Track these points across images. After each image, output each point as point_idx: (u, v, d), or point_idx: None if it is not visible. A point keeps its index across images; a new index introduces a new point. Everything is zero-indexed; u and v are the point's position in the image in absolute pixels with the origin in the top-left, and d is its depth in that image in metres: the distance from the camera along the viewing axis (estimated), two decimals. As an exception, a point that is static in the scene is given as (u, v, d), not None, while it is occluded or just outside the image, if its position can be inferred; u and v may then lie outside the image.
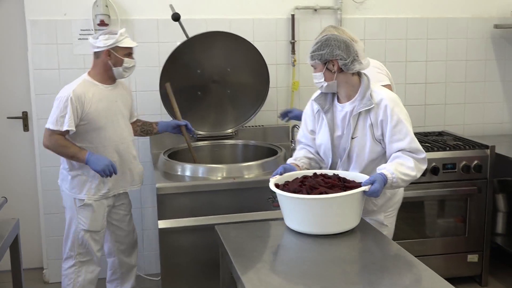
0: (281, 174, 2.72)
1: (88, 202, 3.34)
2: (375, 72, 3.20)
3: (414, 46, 4.51)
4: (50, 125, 3.18)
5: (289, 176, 2.71)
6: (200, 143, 4.05)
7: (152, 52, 4.09)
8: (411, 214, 3.93)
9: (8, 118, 4.21)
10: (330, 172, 2.70)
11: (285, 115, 3.86)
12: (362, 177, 2.59)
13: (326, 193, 2.44)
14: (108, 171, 3.20)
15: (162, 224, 3.24)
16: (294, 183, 2.59)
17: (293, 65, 4.29)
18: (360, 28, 4.39)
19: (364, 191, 2.47)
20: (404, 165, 2.61)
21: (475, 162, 3.95)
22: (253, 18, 4.22)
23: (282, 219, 2.79)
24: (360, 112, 2.71)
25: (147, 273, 4.35)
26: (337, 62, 2.67)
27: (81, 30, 3.97)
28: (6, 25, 4.10)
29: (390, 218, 2.92)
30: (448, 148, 3.99)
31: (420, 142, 4.07)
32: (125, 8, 4.03)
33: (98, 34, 3.28)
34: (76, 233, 3.37)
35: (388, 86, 3.17)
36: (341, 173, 2.70)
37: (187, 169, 3.41)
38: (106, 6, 3.92)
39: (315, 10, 4.30)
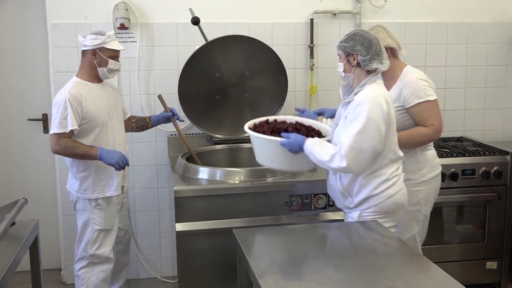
0: (297, 109, 3.45)
1: (102, 201, 3.40)
2: (423, 85, 3.15)
3: (434, 51, 4.48)
4: (54, 129, 3.21)
5: (295, 119, 3.26)
6: (218, 147, 4.06)
7: (171, 55, 4.11)
8: (430, 220, 3.88)
9: (28, 120, 4.26)
10: (319, 128, 3.18)
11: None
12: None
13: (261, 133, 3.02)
14: (121, 163, 3.27)
15: (180, 227, 3.25)
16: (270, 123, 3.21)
17: (312, 69, 4.28)
18: (379, 32, 4.37)
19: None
20: (327, 148, 2.78)
21: (495, 168, 3.91)
22: (272, 22, 4.23)
23: (300, 223, 2.80)
24: (348, 104, 2.83)
25: (164, 275, 4.36)
26: (357, 56, 2.80)
27: (101, 33, 4.01)
28: (28, 28, 4.15)
29: (364, 218, 2.88)
30: (467, 154, 3.96)
31: (439, 147, 4.11)
32: (145, 11, 4.06)
33: (87, 34, 3.32)
34: (91, 233, 3.41)
35: (435, 102, 3.15)
36: (324, 131, 3.12)
37: (204, 172, 3.42)
38: (126, 9, 3.95)
39: (334, 14, 4.29)
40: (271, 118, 3.27)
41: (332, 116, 3.62)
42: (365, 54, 2.78)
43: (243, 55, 3.95)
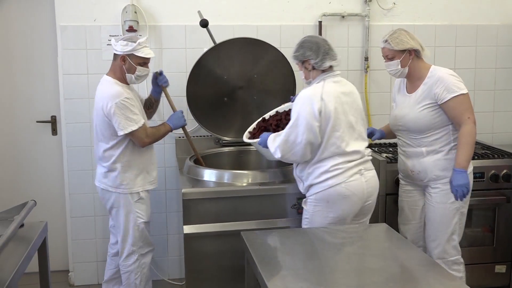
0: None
1: (143, 194, 3.47)
2: (454, 80, 3.20)
3: (442, 53, 4.46)
4: (131, 128, 3.27)
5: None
6: (226, 149, 4.06)
7: (179, 58, 4.11)
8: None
9: (37, 122, 4.27)
10: None
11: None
12: None
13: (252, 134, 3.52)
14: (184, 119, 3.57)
15: (187, 229, 3.25)
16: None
17: (320, 72, 4.28)
18: (388, 35, 4.36)
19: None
20: (275, 141, 3.07)
21: (504, 171, 3.89)
22: (280, 25, 4.23)
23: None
24: None
25: (171, 277, 4.36)
26: (310, 61, 3.06)
27: (110, 35, 4.01)
28: (37, 30, 4.17)
29: (309, 204, 3.10)
30: (476, 157, 3.93)
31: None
32: (153, 14, 4.07)
33: (120, 38, 3.36)
34: (136, 227, 3.46)
35: (467, 95, 3.19)
36: None
37: (212, 175, 3.42)
38: (135, 12, 3.96)
39: (343, 17, 4.29)
40: (272, 112, 3.62)
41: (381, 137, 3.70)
42: (316, 57, 3.04)
43: (251, 57, 3.95)
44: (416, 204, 3.46)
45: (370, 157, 3.18)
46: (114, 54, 3.38)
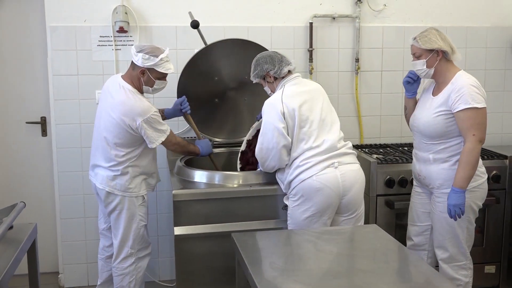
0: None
1: (146, 197, 3.50)
2: (472, 91, 3.07)
3: (433, 55, 4.48)
4: (161, 139, 3.32)
5: None
6: (217, 150, 4.05)
7: (170, 59, 4.08)
8: (428, 224, 3.89)
9: (27, 123, 4.25)
10: None
11: None
12: None
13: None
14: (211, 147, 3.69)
15: (178, 230, 3.24)
16: None
17: (311, 73, 4.29)
18: (378, 36, 4.38)
19: None
20: (255, 153, 3.27)
21: (494, 172, 3.91)
22: (271, 26, 4.23)
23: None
24: None
25: (162, 279, 4.35)
26: (270, 73, 3.24)
27: (100, 36, 4.01)
28: (27, 31, 4.15)
29: (291, 201, 3.18)
30: (466, 158, 3.94)
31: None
32: (144, 15, 4.06)
33: (141, 48, 3.27)
34: (137, 230, 3.46)
35: (482, 110, 3.09)
36: None
37: (203, 176, 3.42)
38: (126, 13, 3.95)
39: (333, 18, 4.30)
40: (250, 131, 3.65)
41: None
42: (273, 67, 3.23)
43: (242, 58, 3.94)
44: (424, 208, 3.40)
45: (351, 151, 3.23)
46: (133, 63, 3.31)
